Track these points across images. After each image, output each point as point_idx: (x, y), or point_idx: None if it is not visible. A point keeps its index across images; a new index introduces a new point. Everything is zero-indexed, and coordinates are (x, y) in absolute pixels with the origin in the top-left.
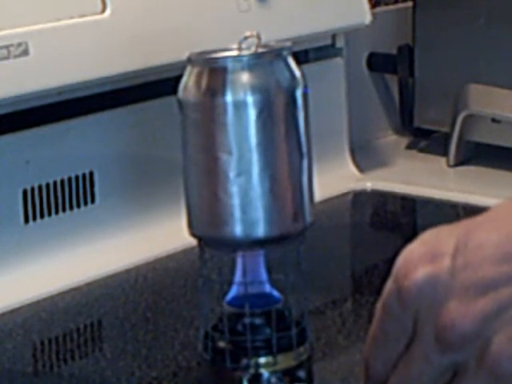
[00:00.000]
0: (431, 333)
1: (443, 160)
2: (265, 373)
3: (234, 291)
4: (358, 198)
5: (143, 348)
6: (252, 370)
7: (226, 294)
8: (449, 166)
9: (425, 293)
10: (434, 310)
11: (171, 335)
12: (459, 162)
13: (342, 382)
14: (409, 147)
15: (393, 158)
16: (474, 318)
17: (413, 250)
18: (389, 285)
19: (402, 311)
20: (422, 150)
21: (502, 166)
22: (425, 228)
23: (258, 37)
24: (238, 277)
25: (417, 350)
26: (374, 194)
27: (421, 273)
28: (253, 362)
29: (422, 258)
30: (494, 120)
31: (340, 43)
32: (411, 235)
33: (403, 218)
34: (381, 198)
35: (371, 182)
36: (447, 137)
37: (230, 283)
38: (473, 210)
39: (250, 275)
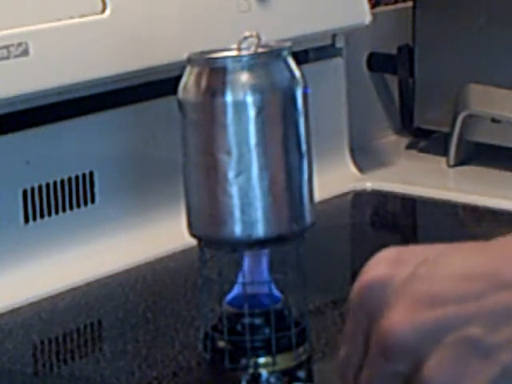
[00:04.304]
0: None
1: (443, 160)
2: (264, 373)
3: (235, 291)
4: (358, 198)
5: (143, 348)
6: (251, 370)
7: (226, 294)
8: (449, 166)
9: (374, 294)
10: (382, 312)
11: (171, 335)
12: (459, 162)
13: (338, 376)
14: (409, 147)
15: (393, 158)
16: (411, 329)
17: (386, 252)
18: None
19: (356, 307)
20: (421, 150)
21: (501, 166)
22: (425, 228)
23: (258, 37)
24: (241, 277)
25: (370, 353)
26: (374, 194)
27: (376, 273)
28: (252, 362)
29: (386, 260)
30: (493, 120)
31: (340, 43)
32: (411, 235)
33: (403, 218)
34: (381, 198)
35: (371, 182)
36: (447, 137)
37: (230, 283)
38: (473, 210)
39: (252, 275)
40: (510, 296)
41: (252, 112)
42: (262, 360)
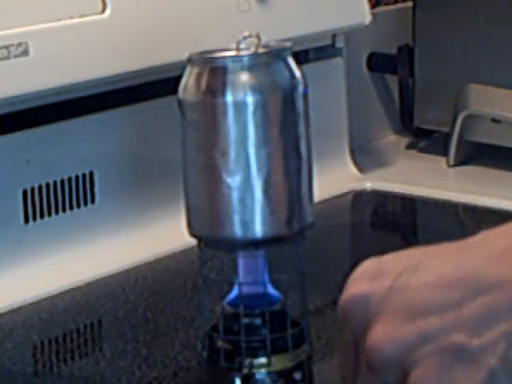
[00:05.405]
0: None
1: (443, 160)
2: (258, 373)
3: (235, 291)
4: (358, 198)
5: (143, 348)
6: (246, 371)
7: (225, 294)
8: (449, 166)
9: (357, 310)
10: (366, 328)
11: (171, 335)
12: (459, 162)
13: (342, 382)
14: (409, 147)
15: (393, 158)
16: (395, 344)
17: (365, 266)
18: None
19: (342, 323)
20: (421, 150)
21: (501, 166)
22: (425, 228)
23: (258, 37)
24: (239, 277)
25: (361, 366)
26: (374, 194)
27: (357, 289)
28: (247, 362)
29: (366, 274)
30: (494, 120)
31: (340, 43)
32: (411, 235)
33: (403, 218)
34: (381, 198)
35: (371, 182)
36: (447, 137)
37: (230, 283)
38: (473, 210)
39: (250, 276)
40: (489, 300)
41: (252, 112)
42: (257, 360)
